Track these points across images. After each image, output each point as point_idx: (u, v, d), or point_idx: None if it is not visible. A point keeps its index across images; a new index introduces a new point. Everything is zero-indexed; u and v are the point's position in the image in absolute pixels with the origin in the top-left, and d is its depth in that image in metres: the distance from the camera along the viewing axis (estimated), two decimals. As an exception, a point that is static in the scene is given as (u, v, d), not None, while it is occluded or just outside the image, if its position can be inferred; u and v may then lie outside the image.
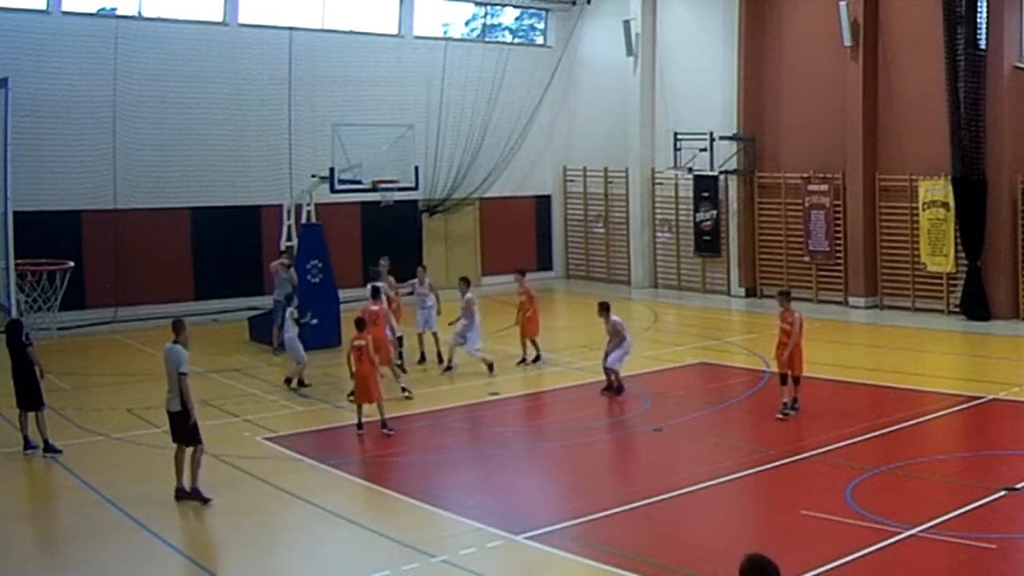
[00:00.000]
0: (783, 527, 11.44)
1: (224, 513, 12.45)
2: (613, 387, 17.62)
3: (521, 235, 33.35)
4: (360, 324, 16.07)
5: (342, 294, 23.32)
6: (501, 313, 23.50)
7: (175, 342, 12.67)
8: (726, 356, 21.39)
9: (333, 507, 12.30)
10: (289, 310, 19.08)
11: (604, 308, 17.95)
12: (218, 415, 16.72)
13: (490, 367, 19.43)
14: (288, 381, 18.60)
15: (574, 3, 33.48)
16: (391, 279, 20.63)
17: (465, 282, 20.09)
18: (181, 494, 12.52)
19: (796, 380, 15.88)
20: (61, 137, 24.95)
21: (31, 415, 14.68)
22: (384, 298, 18.91)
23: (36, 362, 14.71)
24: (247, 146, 27.76)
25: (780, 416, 15.68)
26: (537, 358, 20.37)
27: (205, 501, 12.43)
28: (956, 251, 24.42)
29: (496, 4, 33.58)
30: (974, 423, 16.02)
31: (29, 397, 14.64)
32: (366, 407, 15.68)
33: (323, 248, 22.85)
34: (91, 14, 26.08)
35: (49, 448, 14.57)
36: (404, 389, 17.81)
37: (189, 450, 12.60)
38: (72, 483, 13.48)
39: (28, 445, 14.65)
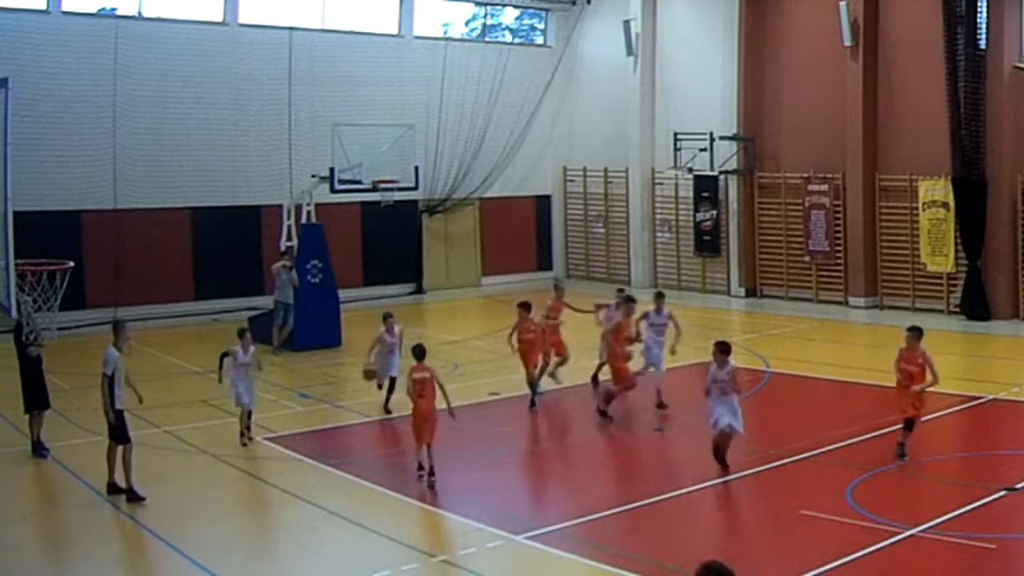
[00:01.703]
0: (783, 527, 11.43)
1: (224, 513, 12.47)
2: (721, 454, 13.52)
3: (521, 235, 33.31)
4: (418, 353, 13.56)
5: (342, 294, 23.34)
6: (504, 314, 23.47)
7: (114, 344, 13.00)
8: (726, 356, 21.31)
9: (333, 507, 12.30)
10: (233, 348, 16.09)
11: (726, 350, 13.56)
12: (218, 415, 16.74)
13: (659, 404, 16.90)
14: (242, 434, 15.30)
15: (574, 3, 33.46)
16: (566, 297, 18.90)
17: (661, 297, 17.96)
18: (112, 488, 12.71)
19: (912, 425, 13.52)
20: (61, 137, 24.90)
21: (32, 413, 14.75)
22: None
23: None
24: (247, 146, 27.71)
25: (903, 460, 13.38)
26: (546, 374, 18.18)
27: (140, 499, 12.47)
28: (956, 251, 24.41)
29: (496, 4, 33.56)
30: (974, 423, 16.02)
31: (28, 397, 14.74)
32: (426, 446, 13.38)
33: (323, 248, 22.87)
34: (91, 14, 26.05)
35: (37, 448, 14.62)
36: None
37: (121, 448, 12.72)
38: (72, 483, 13.50)
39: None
